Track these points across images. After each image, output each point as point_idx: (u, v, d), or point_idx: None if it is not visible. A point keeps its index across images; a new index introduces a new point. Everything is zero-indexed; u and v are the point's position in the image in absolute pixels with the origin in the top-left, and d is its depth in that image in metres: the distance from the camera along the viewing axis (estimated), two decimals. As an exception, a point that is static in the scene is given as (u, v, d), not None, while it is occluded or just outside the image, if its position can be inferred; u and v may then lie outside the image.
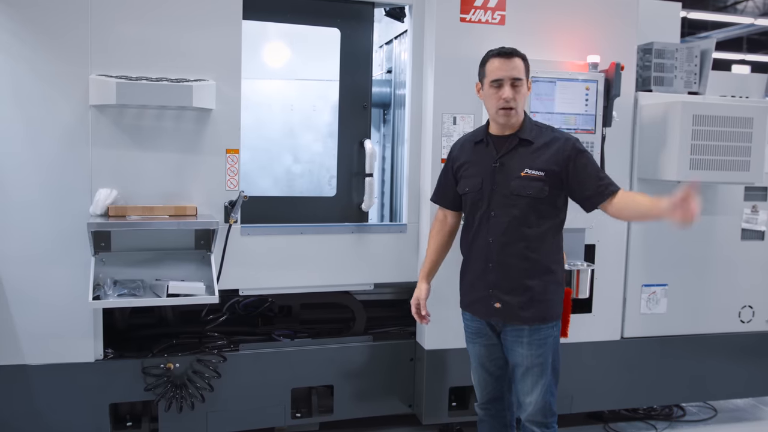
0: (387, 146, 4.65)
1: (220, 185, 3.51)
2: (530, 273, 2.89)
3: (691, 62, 4.11)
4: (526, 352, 2.92)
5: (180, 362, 3.54)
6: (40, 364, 3.37)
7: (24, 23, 3.21)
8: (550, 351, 2.95)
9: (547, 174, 2.85)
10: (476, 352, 3.12)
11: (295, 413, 3.82)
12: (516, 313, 2.90)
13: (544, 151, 2.88)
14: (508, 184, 2.88)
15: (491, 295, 2.94)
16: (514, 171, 2.89)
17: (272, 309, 3.98)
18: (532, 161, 2.87)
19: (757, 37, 18.28)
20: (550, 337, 2.95)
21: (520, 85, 2.87)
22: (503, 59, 2.87)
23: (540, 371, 2.93)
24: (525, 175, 2.86)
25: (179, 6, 3.40)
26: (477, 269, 2.99)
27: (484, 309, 2.99)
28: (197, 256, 3.47)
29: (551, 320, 2.95)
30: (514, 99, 2.85)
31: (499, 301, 2.92)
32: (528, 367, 2.94)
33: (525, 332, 2.92)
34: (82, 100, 3.27)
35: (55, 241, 3.31)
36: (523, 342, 2.93)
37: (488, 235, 2.93)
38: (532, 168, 2.86)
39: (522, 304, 2.89)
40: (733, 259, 4.23)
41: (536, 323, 2.91)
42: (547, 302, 2.92)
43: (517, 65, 2.87)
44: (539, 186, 2.85)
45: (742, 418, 4.66)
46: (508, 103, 2.85)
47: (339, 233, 3.79)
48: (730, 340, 4.29)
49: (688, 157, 3.73)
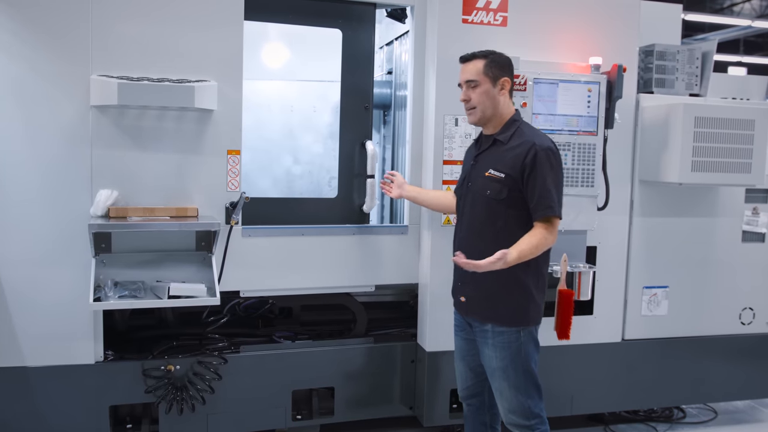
0: (387, 147, 4.64)
1: (221, 186, 3.50)
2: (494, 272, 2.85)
3: (692, 64, 4.11)
4: (491, 353, 2.99)
5: (180, 364, 3.53)
6: (40, 366, 3.35)
7: (25, 23, 3.20)
8: (516, 356, 2.94)
9: (507, 177, 2.89)
10: (458, 344, 3.22)
11: (296, 415, 3.81)
12: (475, 308, 3.01)
13: (510, 154, 2.92)
14: (476, 182, 3.00)
15: (459, 287, 3.08)
16: (482, 170, 2.98)
17: (273, 310, 3.97)
18: (497, 162, 2.94)
19: (753, 39, 18.31)
20: (515, 343, 2.94)
21: (477, 86, 2.96)
22: (462, 64, 3.03)
23: (503, 375, 2.96)
24: (488, 175, 2.95)
25: (180, 6, 3.39)
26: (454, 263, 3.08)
27: (455, 301, 3.16)
28: (198, 257, 3.46)
29: (514, 325, 2.94)
30: (471, 100, 2.97)
31: (464, 295, 3.05)
32: (493, 368, 2.99)
33: (489, 333, 2.98)
34: (83, 100, 3.26)
35: (56, 242, 3.30)
36: (488, 343, 2.99)
37: (461, 229, 3.07)
38: (495, 169, 2.93)
39: (480, 300, 2.99)
40: (733, 261, 4.23)
41: (492, 322, 2.95)
42: (507, 304, 2.94)
43: (472, 68, 2.97)
44: (498, 187, 2.90)
45: (742, 420, 4.67)
46: (467, 105, 3.00)
47: (340, 235, 3.79)
48: (730, 342, 4.29)
49: (690, 159, 3.73)
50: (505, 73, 2.99)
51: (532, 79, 3.57)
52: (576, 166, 3.67)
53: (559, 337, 3.46)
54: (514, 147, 2.91)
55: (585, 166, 3.68)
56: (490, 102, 2.95)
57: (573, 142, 3.65)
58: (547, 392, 3.94)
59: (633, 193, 4.01)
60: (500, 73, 2.97)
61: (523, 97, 3.56)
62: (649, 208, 4.04)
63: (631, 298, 4.07)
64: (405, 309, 4.17)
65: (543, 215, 2.84)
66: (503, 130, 2.99)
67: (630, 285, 4.07)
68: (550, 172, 2.86)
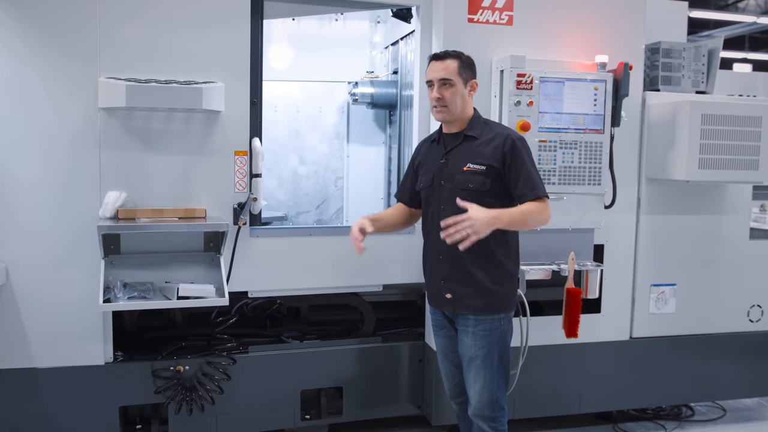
0: (393, 147, 4.65)
1: (228, 187, 3.51)
2: (478, 264, 2.96)
3: (698, 61, 4.10)
4: (471, 341, 3.00)
5: (189, 364, 3.54)
6: (50, 367, 3.37)
7: (33, 26, 3.21)
8: (495, 344, 3.00)
9: (488, 168, 2.95)
10: (440, 343, 3.23)
11: (305, 415, 3.81)
12: (465, 302, 3.00)
13: (486, 147, 2.98)
14: (452, 178, 3.00)
15: (443, 286, 3.06)
16: (458, 166, 3.01)
17: (281, 311, 3.98)
18: (474, 156, 2.98)
19: (758, 36, 18.23)
20: (497, 330, 3.00)
21: (450, 85, 2.98)
22: (436, 62, 3.03)
23: (482, 363, 2.99)
24: (467, 169, 2.97)
25: (187, 8, 3.39)
26: (432, 262, 3.12)
27: (437, 299, 3.12)
28: (206, 258, 3.47)
29: (498, 312, 3.00)
30: (444, 98, 2.98)
31: (450, 292, 3.03)
32: (471, 357, 3.01)
33: (470, 322, 3.00)
34: (91, 102, 3.28)
35: (65, 244, 3.31)
36: (468, 331, 3.01)
37: (439, 229, 2.99)
38: (474, 163, 2.97)
39: (470, 294, 2.99)
40: (741, 258, 4.22)
41: (482, 313, 2.98)
42: (494, 293, 2.98)
43: (447, 66, 2.98)
44: (481, 179, 2.94)
45: (751, 418, 4.65)
46: (438, 103, 3.00)
47: (347, 235, 3.77)
48: (738, 339, 4.28)
49: (697, 157, 3.73)
50: (474, 75, 3.08)
51: (539, 78, 3.57)
52: (583, 164, 3.67)
53: (567, 335, 3.46)
54: (490, 140, 2.99)
55: (592, 165, 3.68)
56: (461, 102, 3.01)
57: (580, 140, 3.65)
58: (556, 391, 3.98)
59: (640, 190, 4.01)
60: (470, 74, 3.05)
61: (530, 95, 3.55)
62: (657, 206, 4.04)
63: (639, 296, 4.07)
64: (413, 308, 4.17)
65: (532, 197, 2.91)
66: (471, 126, 3.05)
67: (638, 283, 4.06)
68: (527, 158, 2.97)
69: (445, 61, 3.00)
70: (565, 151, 3.61)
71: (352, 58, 4.94)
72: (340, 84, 4.94)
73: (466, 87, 3.03)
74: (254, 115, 3.55)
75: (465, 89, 3.02)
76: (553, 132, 3.58)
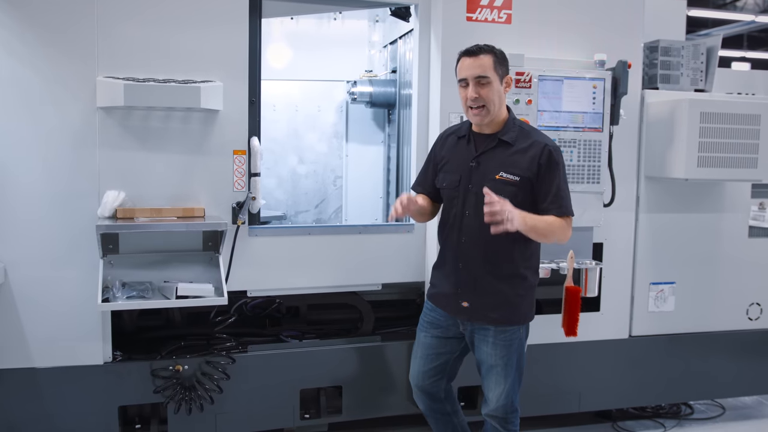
0: (392, 146, 4.65)
1: (227, 186, 3.51)
2: (500, 276, 2.89)
3: (697, 59, 4.10)
4: (491, 351, 2.96)
5: (189, 364, 3.53)
6: (48, 367, 3.36)
7: (30, 26, 3.20)
8: (515, 352, 2.97)
9: (521, 180, 2.83)
10: (426, 342, 3.14)
11: (304, 414, 3.80)
12: (484, 313, 2.92)
13: (522, 156, 2.85)
14: (482, 184, 2.81)
15: (459, 293, 2.96)
16: (490, 173, 2.86)
17: (280, 310, 3.97)
18: (508, 165, 2.85)
19: (757, 34, 18.26)
20: (516, 340, 2.96)
21: (488, 83, 2.81)
22: (469, 58, 2.83)
23: (503, 371, 2.96)
24: (499, 178, 2.84)
25: (185, 7, 3.38)
26: (448, 266, 3.01)
27: (451, 306, 3.02)
28: (205, 257, 3.47)
29: (519, 323, 2.96)
30: (481, 97, 2.81)
31: (466, 301, 2.95)
32: (492, 365, 2.98)
33: (491, 332, 2.94)
34: (89, 102, 3.27)
35: (63, 243, 3.30)
36: (489, 341, 2.96)
37: (461, 235, 2.92)
38: (507, 172, 2.84)
39: (490, 305, 2.91)
40: (740, 256, 4.22)
41: (503, 324, 2.92)
42: (515, 306, 2.94)
43: (483, 63, 2.80)
44: (512, 191, 2.81)
45: (750, 416, 4.65)
46: (475, 103, 2.82)
47: (346, 234, 3.79)
48: (737, 337, 4.28)
49: (696, 155, 3.73)
50: (508, 71, 2.92)
51: (537, 76, 3.57)
52: (582, 162, 3.67)
53: (567, 333, 3.46)
54: (526, 149, 2.85)
55: (591, 163, 3.68)
56: (498, 101, 2.85)
57: (578, 138, 3.65)
58: (555, 389, 3.98)
59: (639, 189, 4.01)
60: (505, 70, 2.89)
61: (528, 94, 3.56)
62: (656, 204, 4.04)
63: (638, 294, 4.07)
64: (412, 307, 4.17)
65: (558, 215, 2.84)
66: (505, 129, 2.90)
67: (637, 281, 4.06)
68: (561, 173, 2.87)
69: (479, 57, 2.80)
70: (564, 150, 3.61)
71: (350, 57, 4.95)
72: (339, 83, 4.94)
73: (502, 84, 2.85)
74: (253, 115, 3.54)
75: (501, 86, 2.85)
76: (551, 130, 3.58)
